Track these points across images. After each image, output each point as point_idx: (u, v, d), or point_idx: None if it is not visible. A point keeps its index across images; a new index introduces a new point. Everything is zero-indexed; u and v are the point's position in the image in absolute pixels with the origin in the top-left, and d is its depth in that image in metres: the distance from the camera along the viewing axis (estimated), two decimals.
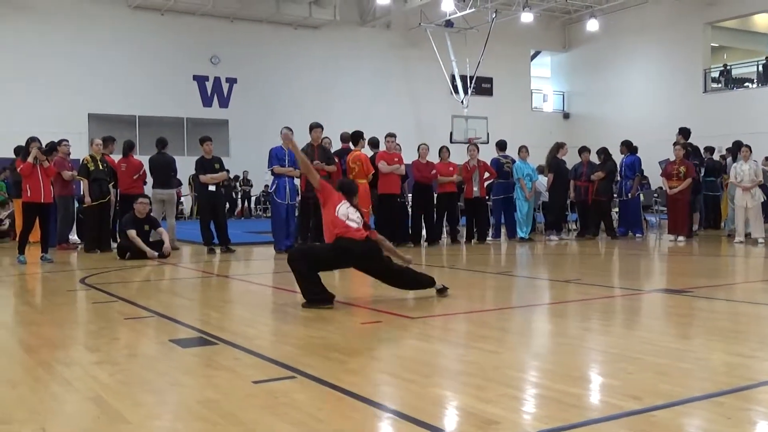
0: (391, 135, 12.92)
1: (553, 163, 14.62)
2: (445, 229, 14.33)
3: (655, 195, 16.39)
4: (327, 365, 4.19)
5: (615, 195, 15.27)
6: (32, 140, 10.71)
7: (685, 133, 14.66)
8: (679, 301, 6.53)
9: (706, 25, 27.99)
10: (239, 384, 3.76)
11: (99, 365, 4.19)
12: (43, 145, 10.93)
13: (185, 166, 16.61)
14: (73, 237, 13.61)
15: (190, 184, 22.64)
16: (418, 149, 13.54)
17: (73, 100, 23.90)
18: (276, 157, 11.69)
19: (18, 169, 10.80)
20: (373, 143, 13.47)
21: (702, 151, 15.83)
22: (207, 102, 26.88)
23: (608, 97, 30.94)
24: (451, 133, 26.16)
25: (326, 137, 12.31)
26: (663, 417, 3.13)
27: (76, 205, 13.52)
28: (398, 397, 3.59)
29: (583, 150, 15.06)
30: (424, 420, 3.12)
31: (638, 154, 15.18)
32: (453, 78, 28.87)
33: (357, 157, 12.28)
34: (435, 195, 13.79)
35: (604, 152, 14.95)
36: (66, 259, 11.41)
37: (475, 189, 13.80)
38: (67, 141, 13.40)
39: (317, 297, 6.05)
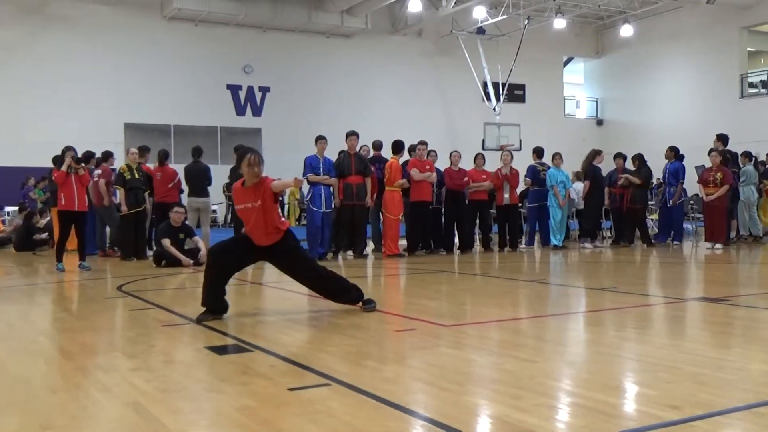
0: (423, 143, 12.94)
1: (590, 170, 14.49)
2: (477, 237, 14.28)
3: (692, 202, 16.16)
4: (362, 373, 4.19)
5: (651, 202, 15.04)
6: (68, 149, 10.91)
7: (723, 139, 14.45)
8: (717, 310, 6.43)
9: (743, 30, 27.61)
10: (275, 391, 3.78)
11: (137, 372, 4.24)
12: (79, 155, 11.11)
13: (219, 175, 16.74)
14: None
15: (224, 192, 22.81)
16: (450, 156, 13.54)
17: (109, 110, 24.25)
18: (311, 165, 11.78)
19: (53, 178, 10.99)
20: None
21: (740, 157, 15.60)
22: (240, 111, 27.11)
23: (642, 103, 30.61)
24: (483, 141, 26.12)
25: (365, 145, 12.54)
26: (702, 427, 3.09)
27: None
28: (433, 405, 3.58)
29: (618, 156, 14.92)
30: (459, 428, 3.11)
31: (682, 161, 14.85)
32: (485, 85, 28.81)
33: (389, 164, 12.46)
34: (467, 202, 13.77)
35: (639, 158, 14.78)
36: (103, 267, 11.58)
37: (506, 196, 13.73)
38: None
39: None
